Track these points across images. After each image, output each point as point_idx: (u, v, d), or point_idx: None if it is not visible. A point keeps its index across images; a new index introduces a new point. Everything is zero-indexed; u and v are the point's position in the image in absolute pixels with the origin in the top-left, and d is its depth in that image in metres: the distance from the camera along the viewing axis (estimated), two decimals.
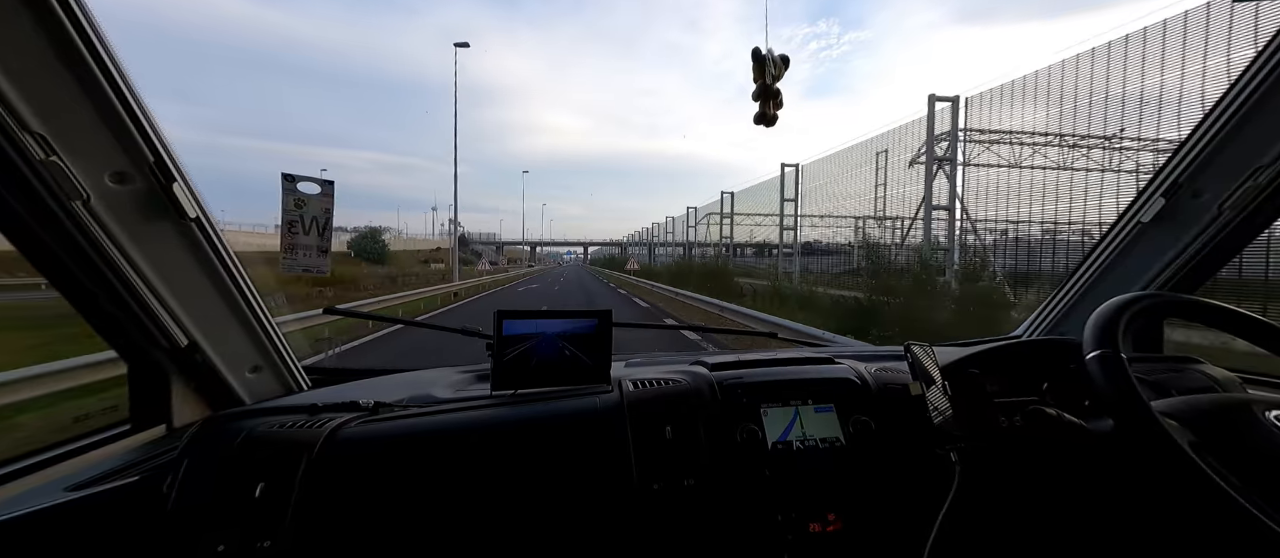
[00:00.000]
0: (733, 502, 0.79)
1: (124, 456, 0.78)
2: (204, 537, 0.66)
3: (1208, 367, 0.97)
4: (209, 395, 0.89)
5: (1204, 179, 0.94)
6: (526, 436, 0.81)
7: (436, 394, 0.95)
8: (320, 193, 0.98)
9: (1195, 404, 0.68)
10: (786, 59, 0.91)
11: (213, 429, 0.78)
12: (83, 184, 0.60)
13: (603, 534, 0.76)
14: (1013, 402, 0.83)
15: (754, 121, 0.95)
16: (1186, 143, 0.95)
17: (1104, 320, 0.68)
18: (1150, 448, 0.60)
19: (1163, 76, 6.24)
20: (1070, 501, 0.77)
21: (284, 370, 0.97)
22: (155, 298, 0.72)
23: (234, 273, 0.80)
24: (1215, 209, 0.95)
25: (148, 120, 0.63)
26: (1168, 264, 1.03)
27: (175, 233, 0.72)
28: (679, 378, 0.93)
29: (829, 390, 0.92)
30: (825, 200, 14.02)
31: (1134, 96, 6.53)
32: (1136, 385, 0.62)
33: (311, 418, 0.80)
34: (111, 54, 0.57)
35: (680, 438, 0.82)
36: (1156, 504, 0.68)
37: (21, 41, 0.51)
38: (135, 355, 0.83)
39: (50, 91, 0.55)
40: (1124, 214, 1.08)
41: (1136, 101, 6.47)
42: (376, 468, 0.75)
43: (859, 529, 0.80)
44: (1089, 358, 0.66)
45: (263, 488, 0.69)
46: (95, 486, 0.69)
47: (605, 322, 0.97)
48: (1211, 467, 0.56)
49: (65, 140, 0.58)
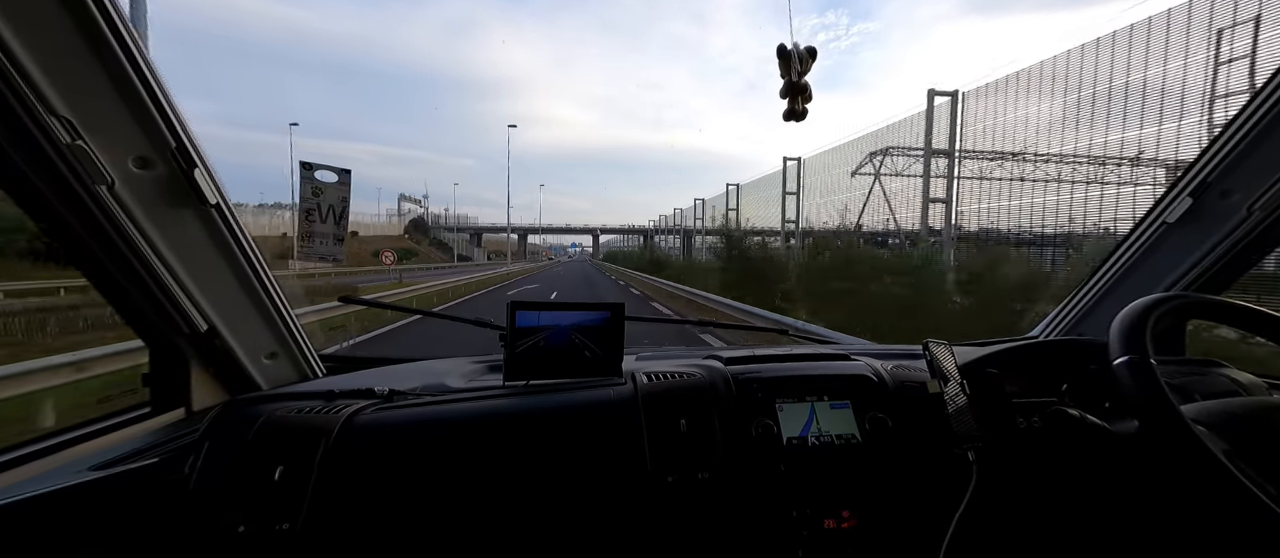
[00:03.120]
0: (747, 496, 0.79)
1: (145, 437, 0.79)
2: (224, 517, 0.67)
3: (1232, 370, 0.96)
4: (227, 380, 0.90)
5: (1234, 179, 0.92)
6: (539, 425, 0.81)
7: (450, 383, 0.95)
8: (337, 181, 0.99)
9: (1226, 410, 0.67)
10: (814, 51, 0.89)
11: (232, 413, 0.79)
12: (107, 169, 0.61)
13: (616, 525, 0.76)
14: (1031, 402, 0.82)
15: (784, 118, 0.94)
16: (1216, 142, 0.93)
17: (1131, 323, 0.67)
18: (1184, 457, 0.59)
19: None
20: (1090, 503, 0.76)
21: (300, 357, 0.98)
22: (176, 283, 0.73)
23: (252, 260, 0.81)
24: (1244, 210, 0.92)
25: (170, 106, 0.63)
26: (1193, 266, 1.01)
27: (196, 219, 0.72)
28: (694, 372, 0.93)
29: (845, 387, 0.91)
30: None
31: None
32: (1167, 392, 0.61)
33: (328, 404, 0.81)
34: (136, 40, 0.57)
35: (695, 431, 0.82)
36: (1184, 511, 0.67)
37: (49, 26, 0.52)
38: (156, 339, 0.84)
39: (76, 76, 0.55)
40: (1148, 214, 1.06)
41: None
42: (392, 454, 0.76)
43: (874, 527, 0.80)
44: (1117, 363, 0.65)
45: (281, 471, 0.70)
46: (118, 465, 0.70)
47: (617, 315, 0.97)
48: (1246, 475, 0.55)
49: (90, 125, 0.58)
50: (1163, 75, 5.63)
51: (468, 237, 63.17)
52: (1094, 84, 6.44)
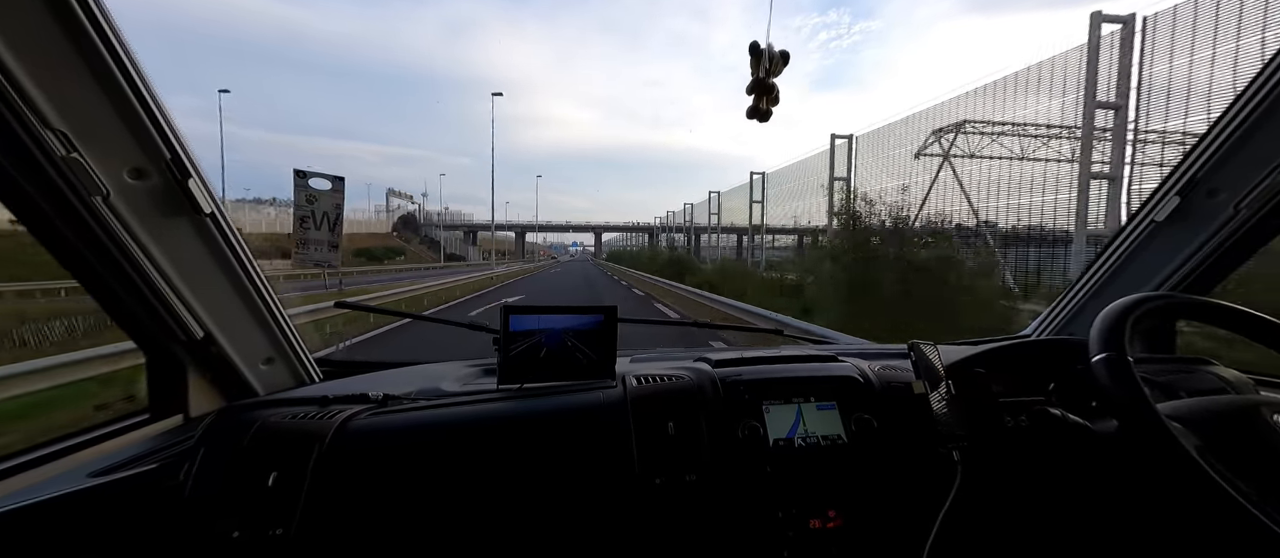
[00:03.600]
0: (734, 497, 0.80)
1: (143, 444, 0.80)
2: (219, 524, 0.68)
3: (1219, 368, 0.96)
4: (224, 386, 0.91)
5: (1220, 178, 0.93)
6: (532, 429, 0.82)
7: (444, 387, 0.96)
8: (331, 188, 1.00)
9: (1203, 407, 0.68)
10: (786, 55, 0.90)
11: (228, 420, 0.80)
12: (102, 180, 0.62)
13: (605, 527, 0.77)
14: (1018, 402, 0.83)
15: (747, 116, 0.95)
16: (1203, 140, 0.94)
17: (1110, 322, 0.67)
18: (1155, 451, 0.60)
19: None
20: (1073, 502, 0.77)
21: (296, 362, 0.99)
22: (172, 291, 0.74)
23: (247, 267, 0.82)
24: (1231, 209, 0.93)
25: (164, 117, 0.64)
26: (1181, 264, 1.02)
27: (191, 228, 0.73)
28: (682, 374, 0.94)
29: (831, 388, 0.92)
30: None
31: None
32: (1142, 388, 0.62)
33: (323, 410, 0.82)
34: (129, 52, 0.58)
35: (682, 434, 0.83)
36: (1161, 508, 0.68)
37: (42, 39, 0.53)
38: (153, 347, 0.85)
39: (70, 89, 0.57)
40: (1137, 213, 1.07)
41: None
42: (386, 459, 0.76)
43: (859, 526, 0.81)
44: (1094, 360, 0.66)
45: (275, 477, 0.71)
46: (116, 472, 0.71)
47: (611, 318, 0.97)
48: (1217, 471, 0.56)
49: (85, 137, 0.59)
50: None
51: (461, 235, 58.76)
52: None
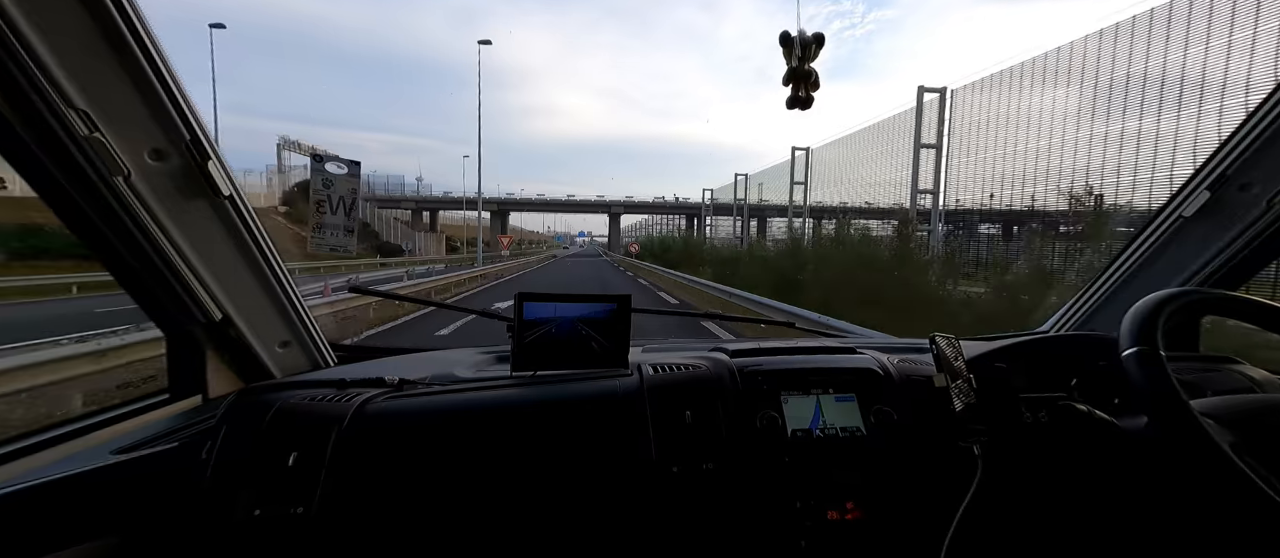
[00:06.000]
0: (751, 487, 0.80)
1: (164, 423, 0.81)
2: (241, 501, 0.69)
3: (1246, 367, 0.94)
4: (241, 368, 0.92)
5: (1254, 173, 0.90)
6: (546, 415, 0.82)
7: (458, 373, 0.97)
8: (347, 173, 1.00)
9: (1236, 404, 0.66)
10: (821, 38, 0.88)
11: (247, 401, 0.81)
12: (124, 160, 0.62)
13: (620, 513, 0.77)
14: (1039, 397, 0.81)
15: (787, 106, 0.93)
16: (1235, 135, 0.91)
17: (1142, 316, 0.66)
18: (1189, 449, 0.59)
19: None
20: (1097, 498, 0.76)
21: (312, 346, 1.00)
22: (191, 273, 0.75)
23: (265, 251, 0.82)
24: (1264, 205, 0.90)
25: (184, 99, 0.64)
26: (1209, 261, 1.00)
27: (210, 210, 0.74)
28: (699, 364, 0.93)
29: (851, 380, 0.91)
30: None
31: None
32: (1176, 384, 0.60)
33: (340, 393, 0.83)
34: (150, 33, 0.58)
35: (700, 422, 0.82)
36: (1192, 505, 0.67)
37: (68, 21, 0.53)
38: (173, 329, 0.86)
39: (93, 68, 0.57)
40: (1163, 208, 1.04)
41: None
42: (402, 442, 0.77)
43: (878, 519, 0.80)
44: (1126, 354, 0.64)
45: (295, 457, 0.71)
46: (139, 450, 0.73)
47: (624, 306, 0.97)
48: (1253, 469, 0.55)
49: (107, 117, 0.59)
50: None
51: (408, 216, 38.42)
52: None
